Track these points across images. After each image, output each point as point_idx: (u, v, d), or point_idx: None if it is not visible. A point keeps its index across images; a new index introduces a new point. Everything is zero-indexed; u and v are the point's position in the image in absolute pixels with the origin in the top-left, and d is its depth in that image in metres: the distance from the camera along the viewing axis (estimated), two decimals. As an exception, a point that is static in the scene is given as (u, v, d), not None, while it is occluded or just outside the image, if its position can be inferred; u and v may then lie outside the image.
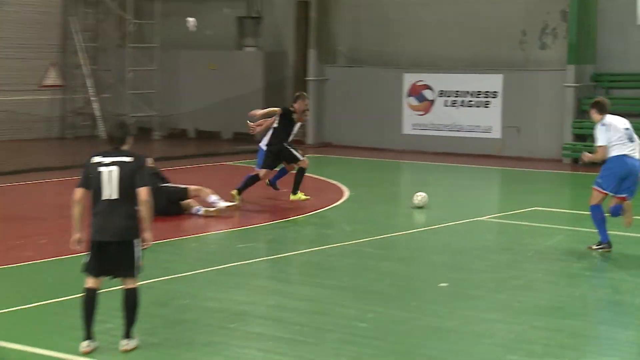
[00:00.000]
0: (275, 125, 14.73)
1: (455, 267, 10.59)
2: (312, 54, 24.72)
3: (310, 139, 24.79)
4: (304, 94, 15.52)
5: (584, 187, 16.97)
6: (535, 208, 14.24)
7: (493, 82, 21.88)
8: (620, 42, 20.89)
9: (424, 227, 13.11)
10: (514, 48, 22.27)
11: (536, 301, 9.04)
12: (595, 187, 11.09)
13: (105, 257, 7.34)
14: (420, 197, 14.15)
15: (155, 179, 12.70)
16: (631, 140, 10.99)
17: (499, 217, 13.74)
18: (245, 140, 25.00)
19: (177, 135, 25.72)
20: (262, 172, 14.73)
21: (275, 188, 15.31)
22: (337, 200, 15.30)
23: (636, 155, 10.92)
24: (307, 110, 15.40)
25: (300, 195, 14.52)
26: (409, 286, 9.75)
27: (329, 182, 17.60)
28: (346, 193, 16.09)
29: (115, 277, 7.48)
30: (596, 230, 11.15)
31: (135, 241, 7.38)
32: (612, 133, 10.93)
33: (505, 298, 9.16)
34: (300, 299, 9.13)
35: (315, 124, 24.76)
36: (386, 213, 14.52)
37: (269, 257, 11.17)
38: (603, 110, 11.10)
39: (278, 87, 25.54)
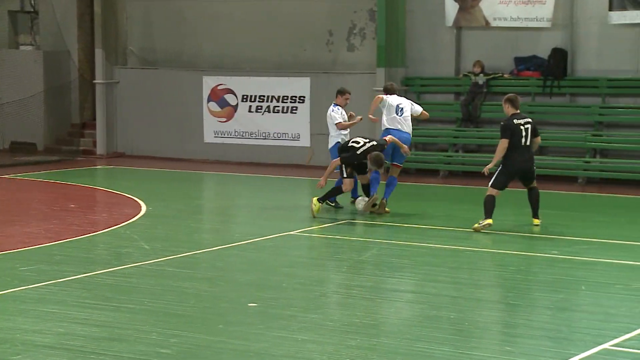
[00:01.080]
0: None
1: (264, 285, 10.78)
2: (99, 54, 24.41)
3: (100, 149, 24.45)
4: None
5: (399, 198, 17.66)
6: (349, 220, 14.69)
7: (300, 85, 22.36)
8: (430, 45, 21.85)
9: (230, 243, 13.24)
10: (320, 49, 22.84)
11: (349, 319, 9.35)
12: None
13: None
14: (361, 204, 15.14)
15: None
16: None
17: (310, 231, 14.08)
18: (24, 150, 24.36)
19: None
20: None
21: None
22: (134, 216, 15.21)
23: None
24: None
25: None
26: (214, 307, 9.84)
27: (123, 196, 17.46)
28: (143, 208, 16.02)
29: None
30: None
31: None
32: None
33: (317, 317, 9.42)
34: (95, 325, 9.03)
35: (105, 132, 24.45)
36: (188, 229, 14.56)
37: (57, 280, 10.97)
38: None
39: (62, 90, 25.02)
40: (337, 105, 16.00)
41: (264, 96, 22.87)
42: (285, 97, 22.60)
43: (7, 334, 8.72)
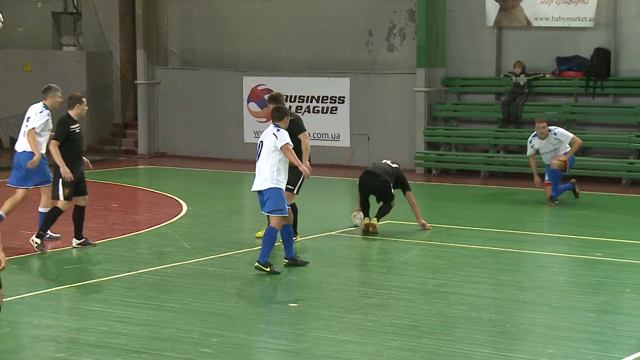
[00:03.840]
0: None
1: (305, 285, 10.81)
2: (140, 55, 24.57)
3: (141, 149, 24.62)
4: None
5: (439, 199, 17.67)
6: (389, 221, 14.69)
7: (340, 86, 22.35)
8: (470, 45, 21.76)
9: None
10: (360, 49, 22.83)
11: (390, 320, 9.35)
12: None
13: None
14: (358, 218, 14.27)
15: None
16: None
17: (351, 232, 14.08)
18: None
19: (-12, 145, 25.02)
20: None
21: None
22: (175, 216, 15.31)
23: None
24: None
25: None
26: (255, 307, 9.89)
27: (165, 196, 17.57)
28: (184, 208, 16.11)
29: None
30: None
31: None
32: None
33: (358, 317, 9.43)
34: (137, 324, 9.11)
35: (147, 132, 24.62)
36: (228, 229, 14.63)
37: (101, 279, 11.07)
38: None
39: (104, 90, 25.23)
40: None
41: (303, 96, 22.89)
42: (325, 98, 22.60)
43: (52, 332, 8.82)
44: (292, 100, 22.96)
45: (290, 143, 11.25)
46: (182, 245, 13.06)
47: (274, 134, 11.25)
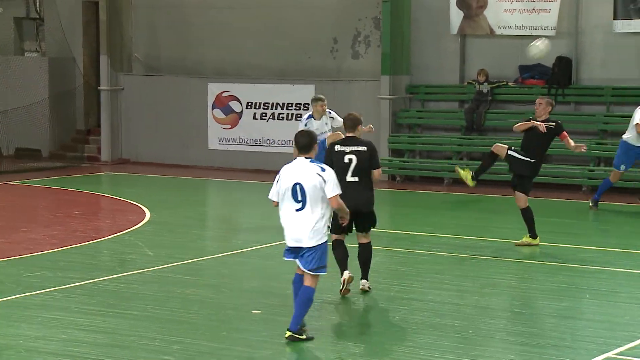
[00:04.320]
0: None
1: (268, 293, 10.78)
2: (104, 61, 24.44)
3: (104, 155, 24.49)
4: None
5: (404, 205, 17.72)
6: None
7: (304, 93, 22.32)
8: (434, 53, 21.87)
9: (235, 250, 13.24)
10: (325, 57, 22.86)
11: (353, 326, 9.34)
12: None
13: None
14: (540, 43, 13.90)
15: None
16: None
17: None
18: (29, 156, 24.38)
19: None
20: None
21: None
22: (138, 223, 15.22)
23: None
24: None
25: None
26: (218, 314, 9.84)
27: (127, 203, 17.48)
28: (147, 215, 16.03)
29: None
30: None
31: None
32: None
33: (322, 324, 9.42)
34: (98, 332, 9.05)
35: (110, 138, 24.49)
36: (192, 236, 14.57)
37: (61, 287, 10.97)
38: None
39: (67, 97, 25.07)
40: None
41: (268, 103, 22.88)
42: (290, 105, 22.57)
43: (11, 341, 8.74)
44: (257, 107, 22.97)
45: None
46: (145, 252, 12.99)
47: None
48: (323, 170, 8.85)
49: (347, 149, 10.45)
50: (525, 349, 8.67)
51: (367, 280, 10.71)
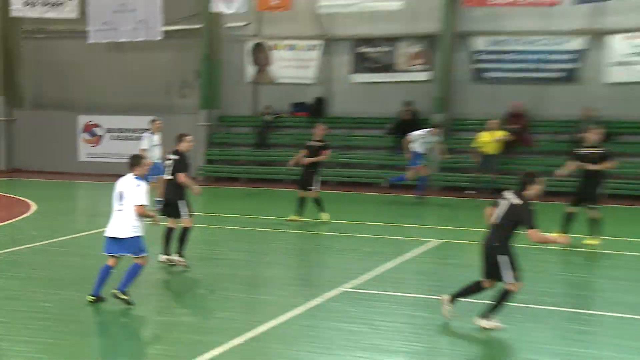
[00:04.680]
0: None
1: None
2: (1, 100, 23.45)
3: (2, 165, 23.40)
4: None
5: (211, 196, 17.75)
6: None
7: (146, 121, 22.11)
8: (237, 94, 22.24)
9: (96, 230, 13.01)
10: (161, 96, 22.82)
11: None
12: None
13: None
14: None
15: None
16: None
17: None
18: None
19: None
20: None
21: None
22: (26, 213, 14.77)
23: None
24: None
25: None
26: (87, 275, 9.77)
27: (19, 199, 16.85)
28: (34, 207, 15.55)
29: None
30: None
31: None
32: None
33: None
34: (-4, 289, 8.86)
35: (6, 153, 23.45)
36: (68, 220, 14.29)
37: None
38: None
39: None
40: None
41: (121, 128, 22.68)
42: (137, 129, 22.34)
43: None
44: (113, 131, 22.75)
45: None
46: (31, 233, 12.63)
47: None
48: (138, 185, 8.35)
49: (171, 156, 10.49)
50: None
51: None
